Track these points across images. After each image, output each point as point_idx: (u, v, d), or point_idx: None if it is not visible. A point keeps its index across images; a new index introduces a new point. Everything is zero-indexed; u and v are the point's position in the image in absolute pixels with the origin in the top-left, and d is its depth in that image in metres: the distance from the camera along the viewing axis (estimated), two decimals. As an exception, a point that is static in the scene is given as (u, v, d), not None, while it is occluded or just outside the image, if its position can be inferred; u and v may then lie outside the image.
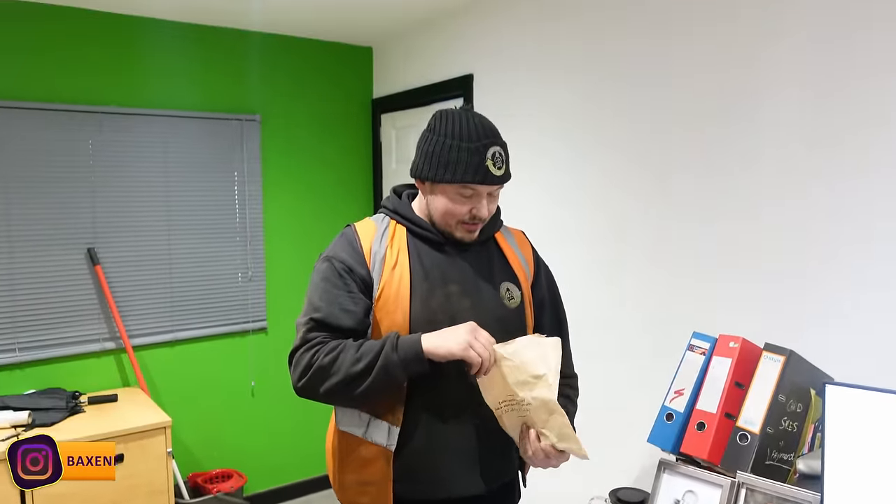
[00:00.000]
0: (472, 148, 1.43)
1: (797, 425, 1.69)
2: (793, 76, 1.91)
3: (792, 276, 1.95)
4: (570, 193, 2.64)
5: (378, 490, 1.47)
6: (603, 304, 2.49)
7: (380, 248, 1.50)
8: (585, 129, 2.57)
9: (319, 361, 1.39)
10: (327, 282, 1.47)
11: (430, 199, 1.51)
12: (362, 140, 4.00)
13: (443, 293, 1.49)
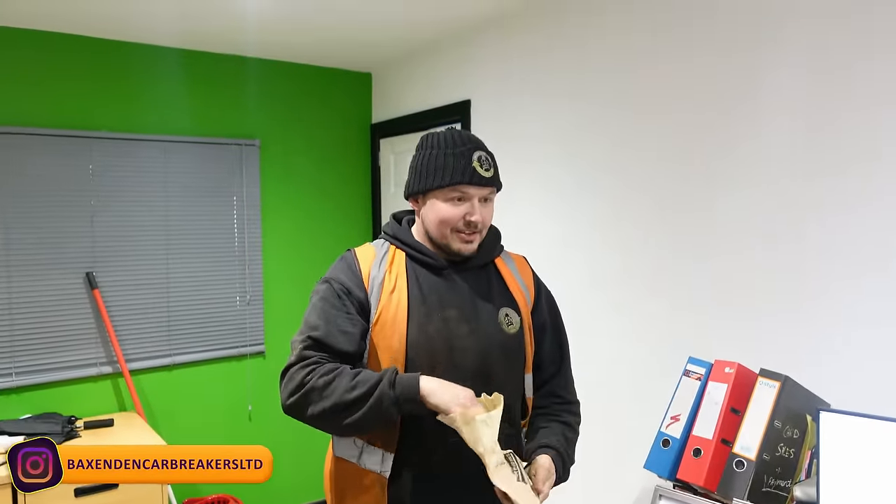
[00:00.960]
0: (457, 153, 1.47)
1: (794, 451, 1.68)
2: (786, 108, 1.94)
3: (785, 311, 1.95)
4: (568, 217, 2.65)
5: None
6: (602, 329, 2.49)
7: (378, 272, 1.50)
8: (583, 155, 2.59)
9: (313, 382, 1.37)
10: (325, 302, 1.48)
11: (425, 213, 1.52)
12: (361, 164, 4.02)
13: (440, 318, 1.48)
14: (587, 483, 2.00)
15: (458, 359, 1.47)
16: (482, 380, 1.48)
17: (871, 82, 1.76)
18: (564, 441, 1.55)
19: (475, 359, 1.49)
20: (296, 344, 1.46)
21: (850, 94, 1.80)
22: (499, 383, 1.51)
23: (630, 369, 2.39)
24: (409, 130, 3.73)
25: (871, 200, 1.76)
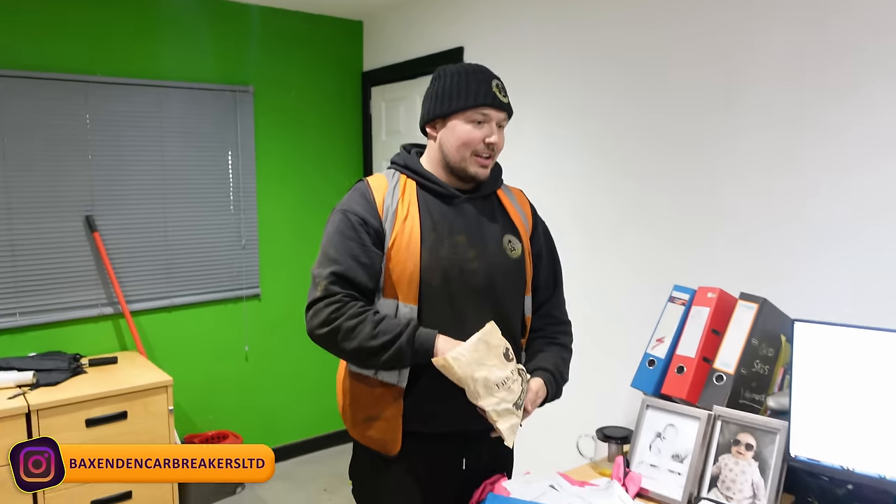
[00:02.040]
0: (477, 78, 1.56)
1: (768, 368, 1.84)
2: (774, 62, 2.05)
3: (764, 237, 2.10)
4: (557, 160, 2.76)
5: (388, 424, 1.59)
6: (593, 263, 2.63)
7: (392, 201, 1.59)
8: (573, 103, 2.69)
9: (339, 322, 1.49)
10: (342, 234, 1.56)
11: (444, 138, 1.59)
12: (352, 112, 4.08)
13: (450, 243, 1.58)
14: (581, 400, 2.14)
15: (467, 280, 1.58)
16: (489, 300, 1.61)
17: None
18: (560, 361, 1.69)
19: (482, 281, 1.60)
20: (319, 277, 1.54)
21: (830, 43, 1.92)
22: (503, 303, 1.64)
23: (620, 298, 2.54)
24: (400, 78, 3.78)
25: (839, 136, 1.90)
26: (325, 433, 4.09)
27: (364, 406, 1.62)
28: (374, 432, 1.61)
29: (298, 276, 3.91)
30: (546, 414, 1.69)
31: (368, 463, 1.67)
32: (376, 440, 1.61)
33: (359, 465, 1.72)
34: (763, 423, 1.60)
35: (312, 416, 4.04)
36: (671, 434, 1.71)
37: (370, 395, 1.61)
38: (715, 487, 1.61)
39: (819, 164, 1.97)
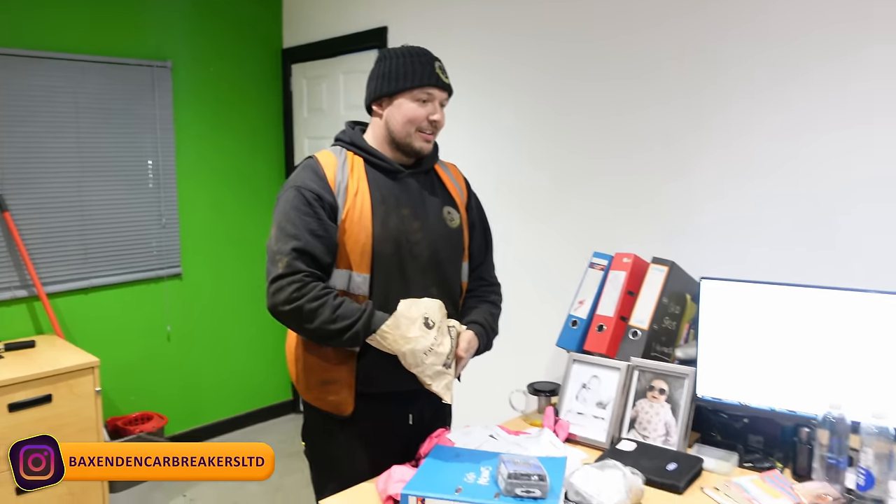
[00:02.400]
0: (421, 60, 1.68)
1: (676, 324, 2.06)
2: (670, 37, 2.27)
3: (675, 207, 2.33)
4: (482, 134, 2.90)
5: (341, 387, 1.69)
6: (519, 231, 2.80)
7: (342, 177, 1.67)
8: (497, 77, 2.83)
9: (303, 304, 1.56)
10: (297, 210, 1.62)
11: (390, 115, 1.69)
12: (273, 89, 4.07)
13: (397, 215, 1.70)
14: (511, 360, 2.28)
15: (413, 249, 1.70)
16: (432, 267, 1.73)
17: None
18: (490, 317, 1.85)
19: (427, 249, 1.72)
20: (279, 254, 1.59)
21: (721, 24, 2.15)
22: (444, 270, 1.77)
23: (543, 264, 2.73)
24: (321, 56, 3.81)
25: (725, 109, 2.14)
26: (253, 410, 4.11)
27: (318, 371, 1.71)
28: (329, 395, 1.70)
29: (220, 254, 3.90)
30: (480, 372, 1.84)
31: (321, 425, 1.76)
32: (330, 402, 1.71)
33: (312, 427, 1.81)
34: (674, 370, 1.82)
35: (239, 393, 4.05)
36: (595, 384, 1.90)
37: (324, 361, 1.70)
38: (633, 428, 1.81)
39: (717, 136, 2.21)
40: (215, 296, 3.89)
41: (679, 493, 1.54)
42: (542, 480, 1.37)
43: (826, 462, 1.53)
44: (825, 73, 1.99)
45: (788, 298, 1.68)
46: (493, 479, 1.45)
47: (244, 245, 3.97)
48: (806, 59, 2.02)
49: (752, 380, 1.73)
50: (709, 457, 1.69)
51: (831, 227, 2.00)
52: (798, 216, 2.07)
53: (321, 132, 3.89)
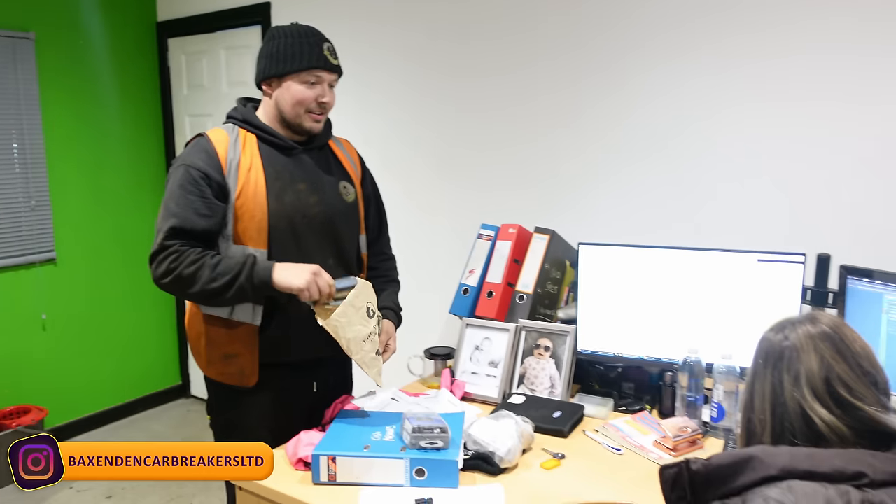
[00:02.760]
0: (310, 42, 1.70)
1: (557, 288, 2.25)
2: (557, 33, 2.43)
3: (550, 180, 2.51)
4: (368, 119, 2.97)
5: (245, 360, 1.72)
6: (408, 207, 2.89)
7: (234, 154, 1.68)
8: (383, 67, 2.90)
9: (180, 271, 1.58)
10: (183, 188, 1.63)
11: (280, 96, 1.72)
12: (149, 64, 3.91)
13: (293, 190, 1.73)
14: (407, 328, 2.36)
15: (310, 224, 1.75)
16: (330, 240, 1.80)
17: (611, 6, 2.30)
18: (396, 297, 1.97)
19: (324, 223, 1.78)
20: (159, 232, 1.62)
21: (590, 22, 2.33)
22: (341, 242, 1.84)
23: (432, 238, 2.85)
24: (200, 31, 3.71)
25: (604, 99, 2.34)
26: (140, 396, 3.99)
27: (220, 345, 1.74)
28: (232, 368, 1.74)
29: (98, 236, 3.73)
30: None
31: (225, 397, 1.80)
32: (233, 375, 1.75)
33: (216, 400, 1.84)
34: (557, 328, 2.00)
35: (125, 381, 3.91)
36: (487, 346, 2.05)
37: (226, 335, 1.72)
38: (522, 384, 1.97)
39: (594, 123, 2.41)
40: (94, 280, 3.73)
41: (564, 436, 1.71)
42: (444, 433, 1.49)
43: (686, 400, 1.75)
44: (690, 65, 2.22)
45: (653, 259, 1.90)
46: (397, 436, 1.55)
47: (124, 227, 3.82)
48: (675, 50, 2.24)
49: (624, 333, 1.93)
50: (588, 404, 1.88)
51: (690, 196, 2.25)
52: (661, 189, 2.30)
53: (203, 109, 3.80)
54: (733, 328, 1.81)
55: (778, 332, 1.06)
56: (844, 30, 1.96)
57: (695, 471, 0.97)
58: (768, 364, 1.04)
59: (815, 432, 0.97)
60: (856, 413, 0.96)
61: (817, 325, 1.03)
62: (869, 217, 1.98)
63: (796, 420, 0.98)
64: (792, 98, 2.07)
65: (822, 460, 0.91)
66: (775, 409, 1.01)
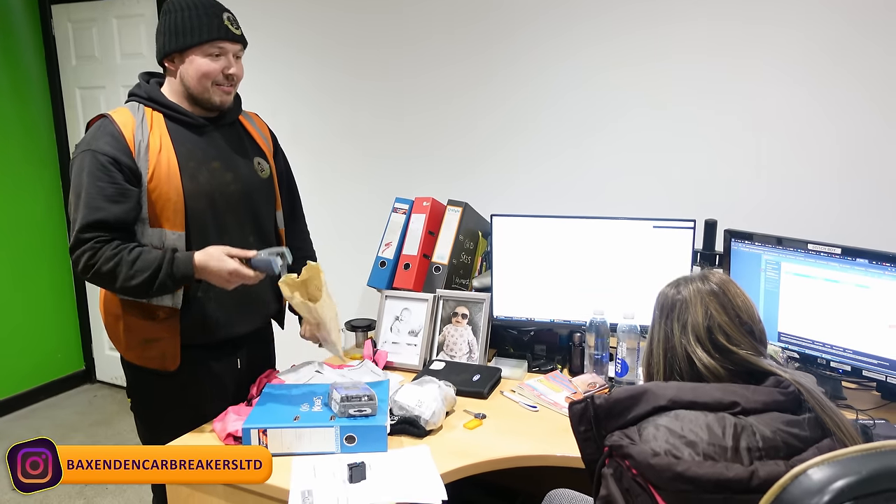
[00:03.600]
0: (208, 12, 1.65)
1: (470, 258, 2.34)
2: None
3: (464, 153, 2.59)
4: (275, 89, 2.93)
5: (166, 343, 1.70)
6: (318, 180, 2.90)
7: (142, 136, 1.63)
8: (292, 40, 2.86)
9: (99, 267, 1.55)
10: (92, 176, 1.57)
11: (184, 71, 1.66)
12: (31, 33, 3.65)
13: (207, 169, 1.70)
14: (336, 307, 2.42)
15: (228, 201, 1.74)
16: (248, 216, 1.80)
17: (515, -16, 2.38)
18: None
19: (241, 201, 1.77)
20: (72, 224, 1.57)
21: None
22: (259, 219, 1.84)
23: (345, 212, 2.87)
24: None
25: (501, 72, 2.44)
26: (41, 384, 3.78)
27: (139, 330, 1.70)
28: (153, 352, 1.71)
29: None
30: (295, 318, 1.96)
31: (147, 381, 1.77)
32: (154, 359, 1.72)
33: (136, 384, 1.81)
34: (473, 297, 2.10)
35: (22, 368, 3.71)
36: (406, 316, 2.12)
37: (145, 320, 1.69)
38: (442, 350, 2.07)
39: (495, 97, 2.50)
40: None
41: (484, 398, 1.82)
42: (371, 400, 1.56)
43: (593, 358, 1.90)
44: (587, 35, 2.33)
45: (560, 229, 2.02)
46: (325, 406, 1.61)
47: (12, 209, 3.59)
48: (574, 20, 2.35)
49: (535, 299, 2.06)
50: (505, 366, 2.00)
51: (591, 168, 2.40)
52: (565, 161, 2.43)
53: (95, 81, 3.61)
54: (634, 290, 1.96)
55: (673, 287, 1.22)
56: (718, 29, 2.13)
57: (598, 405, 1.11)
58: (663, 314, 1.21)
59: (696, 372, 1.14)
60: (731, 356, 1.13)
61: (707, 282, 1.19)
62: (749, 188, 2.18)
63: (682, 362, 1.16)
64: (679, 78, 2.23)
65: (703, 392, 1.07)
66: (666, 352, 1.18)
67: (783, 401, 1.07)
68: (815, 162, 2.09)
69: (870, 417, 1.64)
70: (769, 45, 2.09)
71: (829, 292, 1.68)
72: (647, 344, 1.24)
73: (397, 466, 1.46)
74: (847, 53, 2.00)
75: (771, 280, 1.80)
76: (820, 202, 2.09)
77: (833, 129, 2.05)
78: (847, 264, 1.65)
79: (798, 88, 2.07)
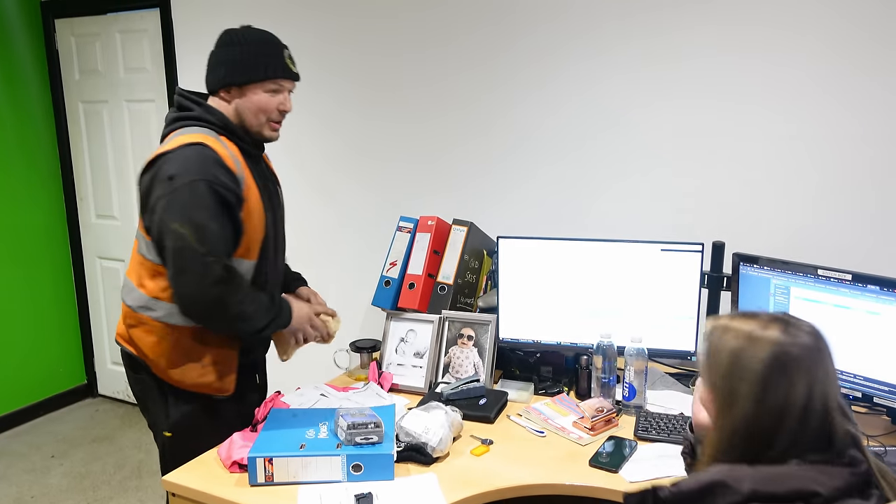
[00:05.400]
0: (274, 50, 1.67)
1: (475, 277, 2.33)
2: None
3: (472, 172, 2.58)
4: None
5: (224, 367, 1.71)
6: (328, 204, 2.90)
7: (240, 168, 1.63)
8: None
9: (241, 309, 1.58)
10: (217, 207, 1.56)
11: (241, 104, 1.66)
12: (33, 46, 3.65)
13: (269, 204, 1.73)
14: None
15: (277, 234, 1.80)
16: (283, 245, 1.87)
17: None
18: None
19: (282, 227, 1.85)
20: (205, 255, 1.53)
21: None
22: (285, 245, 1.90)
23: (350, 230, 2.86)
24: (90, 12, 3.51)
25: (505, 82, 2.43)
26: (42, 399, 3.77)
27: (195, 354, 1.68)
28: (209, 377, 1.70)
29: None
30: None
31: (197, 409, 1.73)
32: (211, 385, 1.71)
33: (182, 414, 1.73)
34: (479, 318, 2.08)
35: (24, 383, 3.69)
36: (412, 337, 2.11)
37: (203, 343, 1.68)
38: (448, 372, 2.05)
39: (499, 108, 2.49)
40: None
41: (490, 422, 1.81)
42: (378, 427, 1.54)
43: (601, 381, 1.88)
44: (604, 66, 2.33)
45: (567, 251, 2.01)
46: (331, 433, 1.59)
47: (14, 222, 3.58)
48: (592, 50, 2.35)
49: (542, 321, 2.04)
50: (511, 389, 1.98)
51: (599, 190, 2.38)
52: (564, 181, 2.42)
53: (98, 96, 3.61)
54: (641, 312, 1.95)
55: (784, 333, 0.98)
56: (726, 37, 2.12)
57: (662, 498, 0.97)
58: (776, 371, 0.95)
59: (829, 442, 0.95)
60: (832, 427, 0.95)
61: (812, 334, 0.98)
62: (760, 210, 2.17)
63: (818, 429, 0.95)
64: (693, 100, 2.22)
65: (781, 482, 0.92)
66: (803, 418, 0.94)
67: (855, 482, 0.94)
68: (828, 184, 2.07)
69: (881, 444, 1.63)
70: (778, 56, 2.08)
71: (840, 318, 1.67)
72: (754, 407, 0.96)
73: (404, 497, 1.45)
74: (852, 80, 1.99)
75: (780, 305, 1.79)
76: (833, 226, 2.07)
77: (844, 153, 2.04)
78: (858, 290, 1.63)
79: (811, 111, 2.06)
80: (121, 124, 3.57)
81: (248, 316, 1.60)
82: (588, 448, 1.66)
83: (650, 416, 1.77)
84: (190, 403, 1.72)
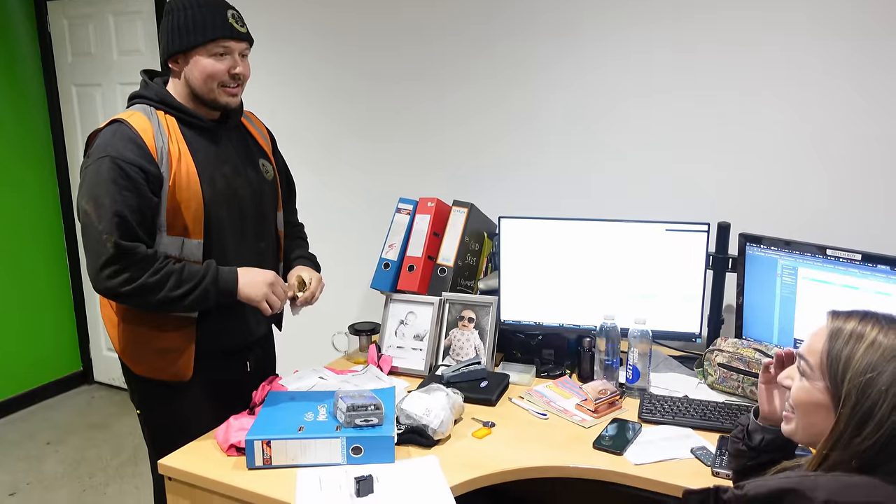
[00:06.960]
0: (212, 10, 1.58)
1: (476, 259, 2.29)
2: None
3: (469, 155, 2.54)
4: (279, 92, 2.88)
5: (180, 354, 1.66)
6: (328, 183, 2.85)
7: (163, 142, 1.57)
8: (295, 41, 2.81)
9: (145, 279, 1.51)
10: (116, 184, 1.49)
11: (189, 72, 1.60)
12: (26, 29, 3.59)
13: (222, 175, 1.66)
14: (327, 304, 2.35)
15: (241, 207, 1.71)
16: (258, 221, 1.77)
17: (522, -21, 2.33)
18: (307, 250, 1.99)
19: (253, 205, 1.74)
20: (103, 233, 1.49)
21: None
22: (268, 223, 1.82)
23: (349, 211, 2.82)
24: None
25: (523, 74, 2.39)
26: (38, 386, 3.74)
27: (150, 341, 1.66)
28: (165, 364, 1.67)
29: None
30: (300, 319, 1.91)
31: (158, 392, 1.71)
32: (167, 371, 1.68)
33: (146, 396, 1.75)
34: (480, 300, 2.05)
35: (18, 370, 3.65)
36: (411, 319, 2.07)
37: (158, 330, 1.65)
38: (448, 355, 2.02)
39: (513, 107, 2.45)
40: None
41: (492, 405, 1.77)
42: (377, 409, 1.51)
43: (604, 364, 1.85)
44: (607, 49, 2.28)
45: (569, 231, 1.97)
46: (330, 415, 1.56)
47: (7, 208, 3.53)
48: (597, 34, 2.30)
49: (544, 302, 2.01)
50: (513, 371, 1.95)
51: (602, 170, 2.35)
52: (566, 163, 2.38)
53: (91, 79, 3.55)
54: (645, 293, 1.92)
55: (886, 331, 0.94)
56: (736, 21, 2.08)
57: (725, 500, 0.93)
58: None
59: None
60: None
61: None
62: (767, 190, 2.13)
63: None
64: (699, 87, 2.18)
65: (855, 493, 0.88)
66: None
67: None
68: (836, 164, 2.03)
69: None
70: (788, 40, 2.04)
71: (849, 299, 1.64)
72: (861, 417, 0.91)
73: (405, 479, 1.42)
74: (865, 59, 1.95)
75: (787, 285, 1.76)
76: (841, 206, 2.03)
77: (854, 132, 2.00)
78: (867, 271, 1.60)
79: (822, 88, 2.02)
80: (114, 108, 3.51)
81: (153, 287, 1.52)
82: (591, 431, 1.63)
83: (654, 398, 1.74)
84: (152, 387, 1.72)
